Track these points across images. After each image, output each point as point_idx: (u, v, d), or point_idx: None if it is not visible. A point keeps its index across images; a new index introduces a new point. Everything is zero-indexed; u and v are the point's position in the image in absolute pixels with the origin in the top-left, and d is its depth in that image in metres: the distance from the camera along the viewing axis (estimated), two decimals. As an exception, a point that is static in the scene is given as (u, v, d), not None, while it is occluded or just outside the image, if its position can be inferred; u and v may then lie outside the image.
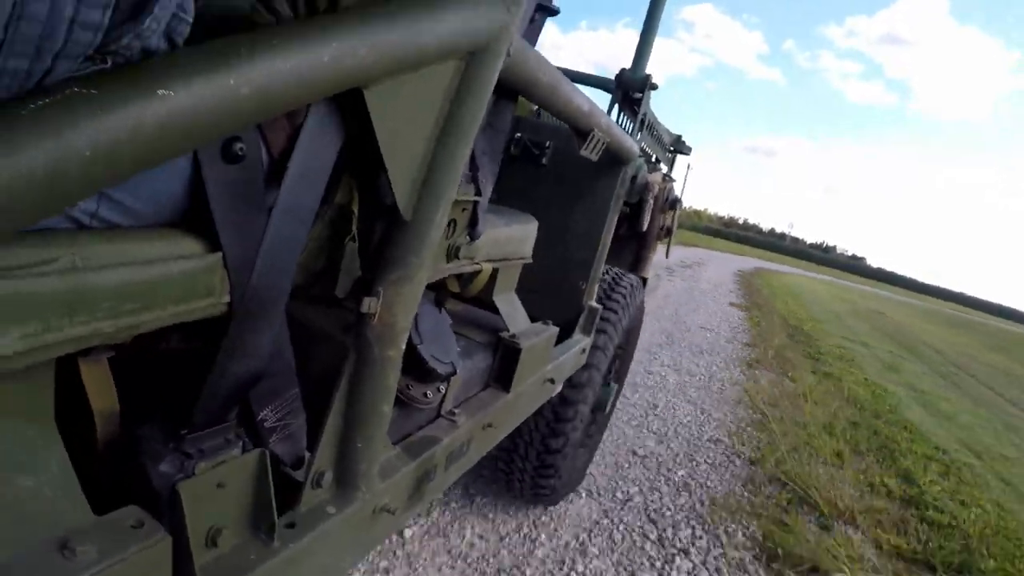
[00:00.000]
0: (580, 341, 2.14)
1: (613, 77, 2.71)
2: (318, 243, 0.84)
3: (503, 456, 2.49)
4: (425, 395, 1.20)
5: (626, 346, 2.97)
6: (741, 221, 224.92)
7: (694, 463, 3.65)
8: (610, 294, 2.51)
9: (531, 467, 2.41)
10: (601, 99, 2.74)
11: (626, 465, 3.38)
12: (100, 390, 0.74)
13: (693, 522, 2.97)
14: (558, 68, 1.21)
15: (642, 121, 2.56)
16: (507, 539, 2.47)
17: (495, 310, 1.62)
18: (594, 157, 1.60)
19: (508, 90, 1.13)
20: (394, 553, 2.24)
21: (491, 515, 2.59)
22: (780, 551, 2.86)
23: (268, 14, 0.62)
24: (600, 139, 1.55)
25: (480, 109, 0.92)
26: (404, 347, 0.96)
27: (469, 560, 2.32)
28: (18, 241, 0.48)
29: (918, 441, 5.30)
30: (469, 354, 1.48)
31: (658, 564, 2.58)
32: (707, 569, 2.62)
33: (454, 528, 2.44)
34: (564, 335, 2.09)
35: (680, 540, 2.79)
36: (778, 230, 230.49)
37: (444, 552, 2.32)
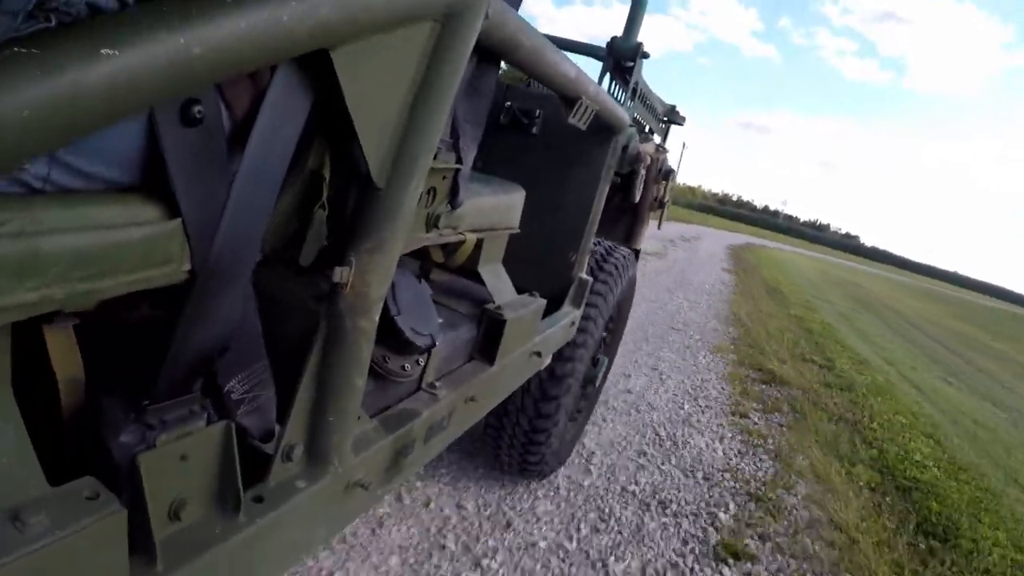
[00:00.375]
0: (569, 313, 2.13)
1: (604, 46, 2.67)
2: (288, 210, 0.82)
3: (491, 430, 2.48)
4: (403, 368, 1.18)
5: (617, 319, 2.96)
6: (735, 198, 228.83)
7: (703, 333, 6.90)
8: (602, 266, 2.49)
9: (519, 441, 2.41)
10: (592, 68, 2.71)
11: (669, 333, 6.51)
12: (64, 358, 0.72)
13: (707, 351, 6.13)
14: (546, 36, 1.18)
15: (634, 90, 2.52)
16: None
17: (482, 281, 1.60)
18: (582, 126, 1.57)
19: (490, 54, 1.10)
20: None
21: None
22: (748, 363, 6.01)
23: None
24: (588, 107, 1.52)
25: (457, 73, 0.89)
26: (378, 318, 0.94)
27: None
28: None
29: (847, 351, 7.96)
30: (453, 326, 1.46)
31: (691, 359, 5.68)
32: (715, 364, 5.70)
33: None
34: (553, 307, 2.07)
35: (702, 357, 5.86)
36: (772, 207, 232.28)
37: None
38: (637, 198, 2.51)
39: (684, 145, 3.62)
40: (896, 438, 4.74)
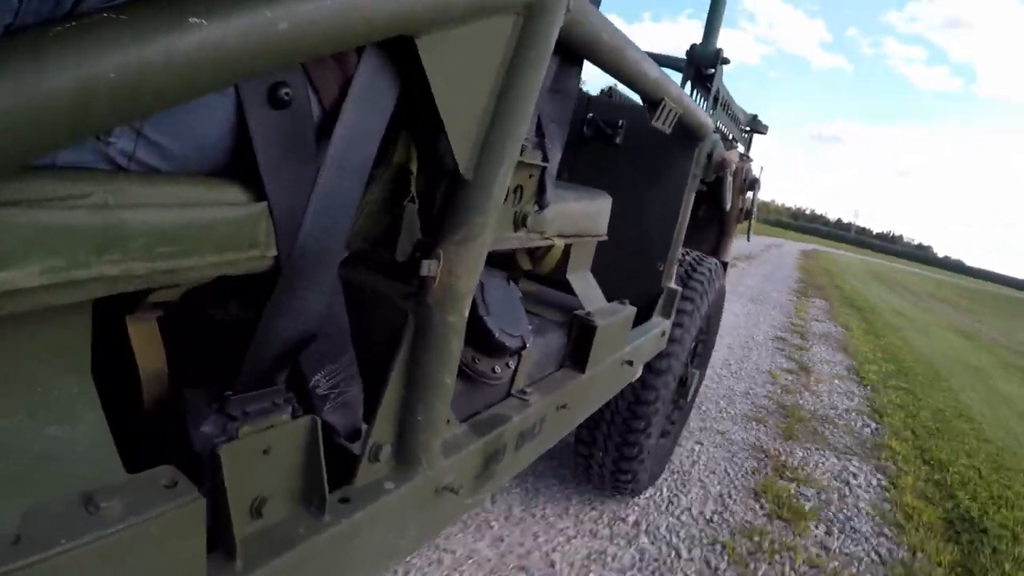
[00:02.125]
0: (659, 324, 2.08)
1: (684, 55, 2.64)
2: (376, 205, 0.81)
3: (582, 445, 2.43)
4: (493, 370, 1.15)
5: (707, 331, 2.88)
6: (808, 211, 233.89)
7: (783, 287, 11.99)
8: (691, 276, 2.44)
9: (611, 457, 2.35)
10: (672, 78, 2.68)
11: (759, 297, 9.64)
12: (147, 350, 0.72)
13: (786, 287, 12.14)
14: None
15: (715, 98, 2.47)
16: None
17: (570, 290, 1.57)
18: (667, 129, 1.54)
19: (572, 53, 1.09)
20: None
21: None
22: (806, 282, 14.30)
23: None
24: (672, 109, 1.49)
25: (540, 67, 0.88)
26: (467, 314, 0.92)
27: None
28: (50, 175, 0.46)
29: (866, 300, 13.55)
30: (542, 332, 1.43)
31: (783, 285, 12.56)
32: (790, 284, 13.06)
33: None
34: (643, 318, 2.03)
35: (775, 296, 10.42)
36: (845, 220, 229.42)
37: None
38: (728, 205, 2.45)
39: (762, 169, 3.53)
40: (859, 300, 12.92)
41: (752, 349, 5.94)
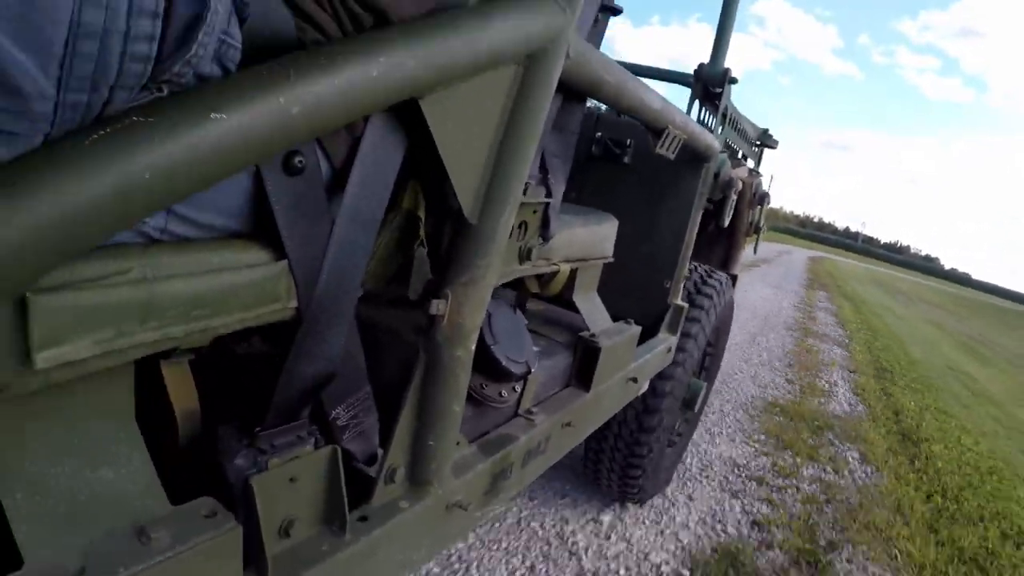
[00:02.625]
0: (665, 340, 2.13)
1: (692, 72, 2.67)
2: (387, 249, 0.87)
3: (591, 456, 2.50)
4: (500, 394, 1.22)
5: (716, 344, 2.94)
6: (816, 219, 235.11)
7: (795, 283, 15.32)
8: (699, 291, 2.49)
9: (618, 467, 2.42)
10: (682, 94, 2.72)
11: (780, 285, 13.50)
12: (181, 391, 0.79)
13: (797, 282, 15.60)
14: (637, 64, 1.20)
15: (724, 115, 2.52)
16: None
17: (577, 309, 1.63)
18: (671, 155, 1.60)
19: (575, 92, 1.13)
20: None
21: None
22: (814, 280, 17.59)
23: (314, 31, 0.64)
24: (676, 136, 1.55)
25: (542, 112, 0.93)
26: (474, 347, 0.99)
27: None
28: (94, 255, 0.51)
29: (859, 295, 17.06)
30: (549, 354, 1.49)
31: (794, 281, 15.50)
32: (802, 280, 16.79)
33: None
34: (650, 334, 2.09)
35: (789, 287, 13.82)
36: (853, 228, 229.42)
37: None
38: (726, 223, 2.50)
39: (772, 177, 3.55)
40: (853, 295, 16.50)
41: (782, 309, 10.09)
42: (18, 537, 0.54)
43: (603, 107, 2.36)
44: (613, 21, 1.29)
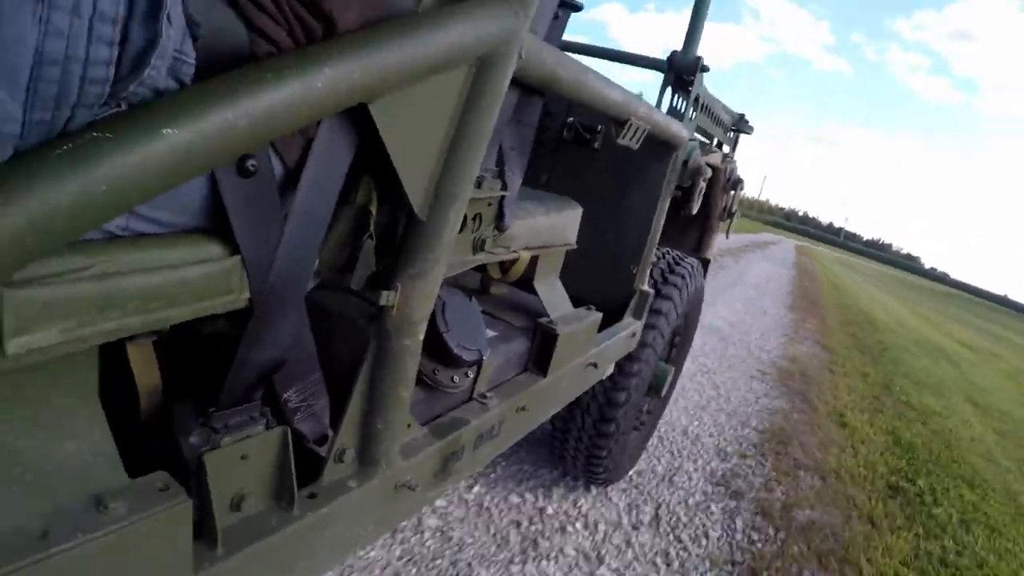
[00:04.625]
0: (630, 325, 2.18)
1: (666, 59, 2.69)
2: (340, 240, 0.92)
3: (558, 435, 2.55)
4: (452, 379, 1.27)
5: (685, 329, 3.00)
6: (801, 213, 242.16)
7: (780, 268, 17.79)
8: (667, 277, 2.53)
9: (583, 449, 2.48)
10: (656, 79, 2.75)
11: (781, 261, 20.88)
12: (144, 369, 0.85)
13: (791, 261, 22.72)
14: (610, 49, 1.22)
15: (696, 102, 2.54)
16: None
17: None
18: (634, 145, 1.63)
19: (531, 87, 1.16)
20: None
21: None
22: (797, 264, 22.66)
23: (267, 44, 0.68)
24: (639, 127, 1.58)
25: (492, 112, 0.96)
26: (423, 336, 1.04)
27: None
28: (59, 252, 0.57)
29: (826, 266, 29.30)
30: (507, 339, 1.54)
31: (781, 262, 20.43)
32: (792, 260, 23.77)
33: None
34: (616, 318, 2.14)
35: (784, 259, 22.52)
36: (836, 224, 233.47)
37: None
38: (695, 210, 2.54)
39: (765, 178, 3.58)
40: (823, 266, 28.48)
41: (784, 269, 17.49)
42: None
43: None
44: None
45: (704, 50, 2.64)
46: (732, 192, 3.22)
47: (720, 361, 5.72)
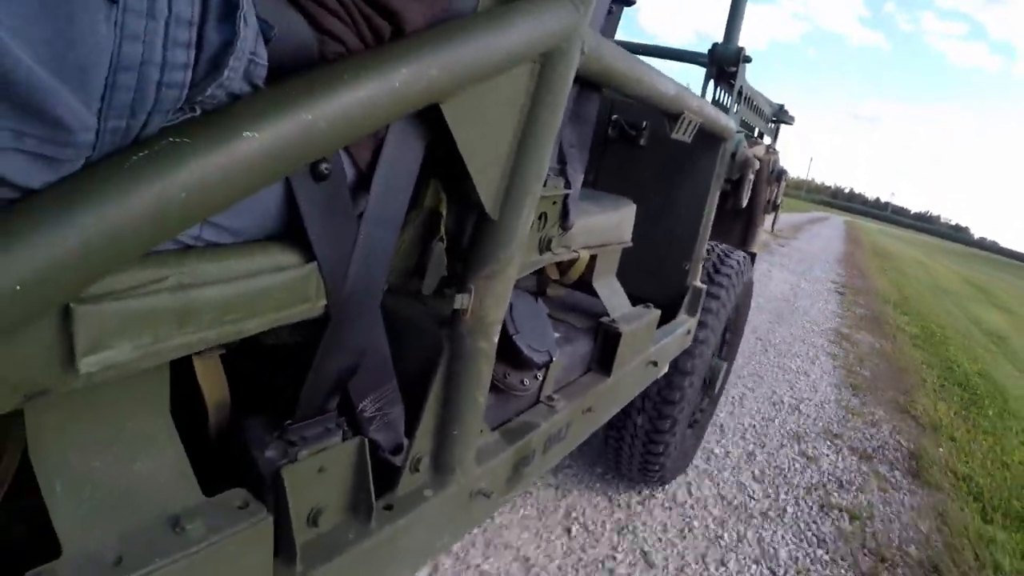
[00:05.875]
0: (685, 322, 2.14)
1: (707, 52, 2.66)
2: (410, 244, 0.90)
3: (612, 438, 2.51)
4: (522, 382, 1.24)
5: (735, 323, 2.94)
6: (847, 190, 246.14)
7: (840, 232, 27.71)
8: (718, 271, 2.48)
9: (639, 449, 2.43)
10: (698, 74, 2.71)
11: (834, 233, 25.52)
12: (213, 384, 0.82)
13: (842, 233, 26.61)
14: (651, 45, 1.20)
15: (739, 94, 2.50)
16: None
17: (597, 293, 1.64)
18: (687, 139, 1.60)
19: (591, 82, 1.14)
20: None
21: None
22: (848, 235, 27.04)
23: (335, 44, 0.66)
24: (691, 120, 1.55)
25: (559, 107, 0.94)
26: (497, 339, 1.01)
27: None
28: (132, 263, 0.54)
29: (872, 237, 32.99)
30: (570, 340, 1.51)
31: (835, 235, 24.45)
32: (842, 234, 26.58)
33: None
34: (669, 316, 2.10)
35: (836, 234, 25.34)
36: (883, 199, 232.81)
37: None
38: (744, 203, 2.49)
39: (811, 159, 3.54)
40: (870, 237, 31.53)
41: (837, 241, 20.92)
42: (57, 527, 0.57)
43: None
44: None
45: (742, 30, 2.60)
46: (776, 184, 3.17)
47: (805, 278, 10.15)
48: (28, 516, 0.60)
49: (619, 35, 1.40)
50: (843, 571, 2.55)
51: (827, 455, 3.53)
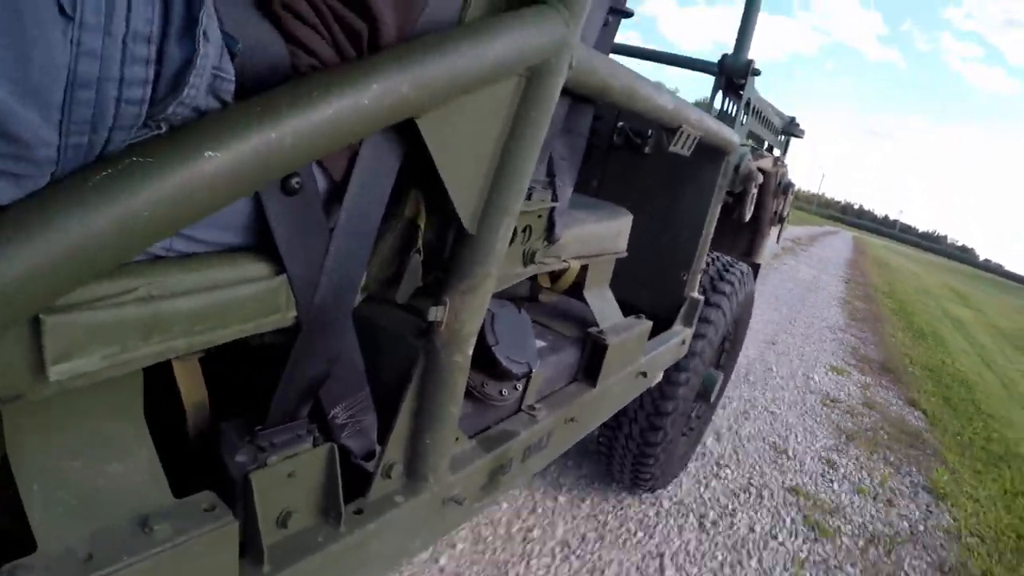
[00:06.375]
0: (680, 333, 2.15)
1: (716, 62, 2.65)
2: (388, 254, 0.91)
3: (604, 445, 2.53)
4: (500, 392, 1.26)
5: (734, 335, 2.95)
6: (856, 207, 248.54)
7: (849, 245, 31.58)
8: (718, 283, 2.49)
9: (631, 456, 2.45)
10: (707, 82, 2.71)
11: (843, 246, 28.51)
12: (190, 386, 0.85)
13: (850, 246, 31.06)
14: (661, 52, 1.20)
15: (747, 105, 2.50)
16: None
17: None
18: (686, 152, 1.60)
19: (582, 96, 1.14)
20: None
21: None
22: (856, 246, 32.72)
23: (307, 56, 0.66)
24: (690, 134, 1.55)
25: (543, 123, 0.94)
26: (471, 352, 1.02)
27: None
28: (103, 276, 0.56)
29: (877, 251, 37.25)
30: (556, 349, 1.52)
31: (841, 248, 26.90)
32: (851, 247, 30.46)
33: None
34: (665, 325, 2.11)
35: (846, 246, 29.71)
36: (892, 217, 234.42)
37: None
38: (747, 218, 2.49)
39: (823, 176, 3.53)
40: (874, 252, 34.59)
41: (846, 252, 24.27)
42: (33, 524, 0.60)
43: None
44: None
45: (758, 42, 2.60)
46: (784, 196, 3.17)
47: (822, 272, 13.87)
48: (10, 507, 0.62)
49: (635, 41, 1.39)
50: (850, 358, 6.63)
51: (840, 335, 7.74)
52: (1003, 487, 4.28)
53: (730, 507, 2.97)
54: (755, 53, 2.62)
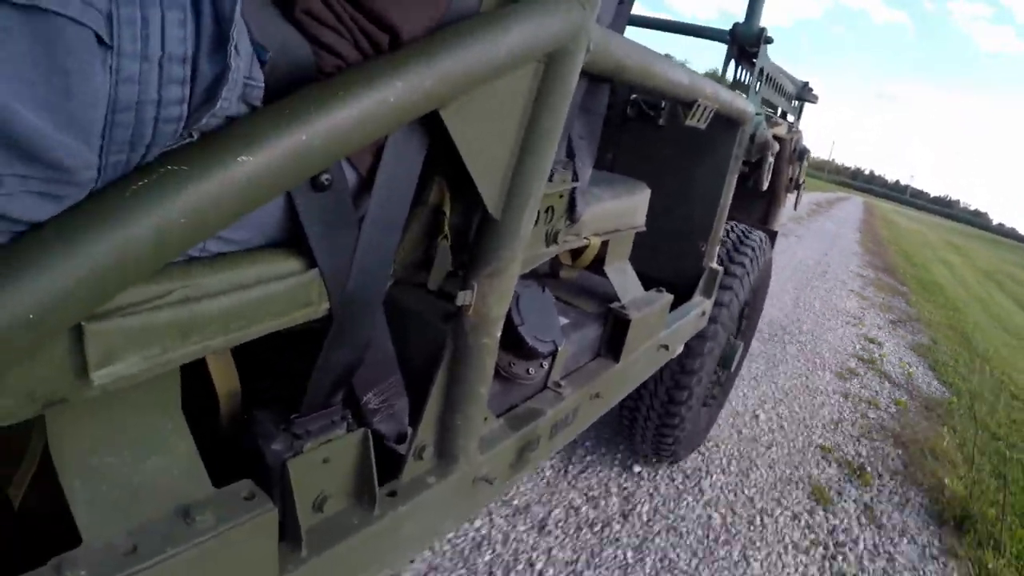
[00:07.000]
0: (700, 304, 2.15)
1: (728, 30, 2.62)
2: (415, 241, 0.92)
3: (626, 414, 2.54)
4: (527, 371, 1.27)
5: (753, 304, 2.95)
6: (867, 172, 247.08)
7: (861, 208, 35.00)
8: (735, 253, 2.48)
9: (653, 426, 2.46)
10: (719, 50, 2.69)
11: (843, 215, 24.57)
12: (224, 377, 0.86)
13: (861, 209, 33.80)
14: (671, 21, 1.18)
15: (760, 72, 2.47)
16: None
17: None
18: (701, 125, 1.60)
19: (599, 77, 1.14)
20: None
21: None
22: (868, 209, 36.78)
23: (332, 58, 0.67)
24: (706, 107, 1.55)
25: (563, 107, 0.94)
26: (499, 334, 1.04)
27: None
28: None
29: (885, 212, 44.11)
30: (579, 325, 1.53)
31: (853, 213, 28.47)
32: (862, 210, 34.34)
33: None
34: (685, 296, 2.11)
35: (858, 210, 32.65)
36: (902, 182, 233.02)
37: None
38: (764, 186, 2.47)
39: (833, 143, 3.50)
40: (883, 213, 40.71)
41: (856, 214, 27.42)
42: (77, 519, 0.62)
43: None
44: None
45: (764, 9, 2.56)
46: (799, 163, 3.15)
47: (841, 227, 18.09)
48: (54, 499, 0.64)
49: (643, 10, 1.37)
50: (867, 266, 11.82)
51: (861, 256, 12.83)
52: (937, 302, 9.88)
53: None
54: (762, 21, 2.60)
